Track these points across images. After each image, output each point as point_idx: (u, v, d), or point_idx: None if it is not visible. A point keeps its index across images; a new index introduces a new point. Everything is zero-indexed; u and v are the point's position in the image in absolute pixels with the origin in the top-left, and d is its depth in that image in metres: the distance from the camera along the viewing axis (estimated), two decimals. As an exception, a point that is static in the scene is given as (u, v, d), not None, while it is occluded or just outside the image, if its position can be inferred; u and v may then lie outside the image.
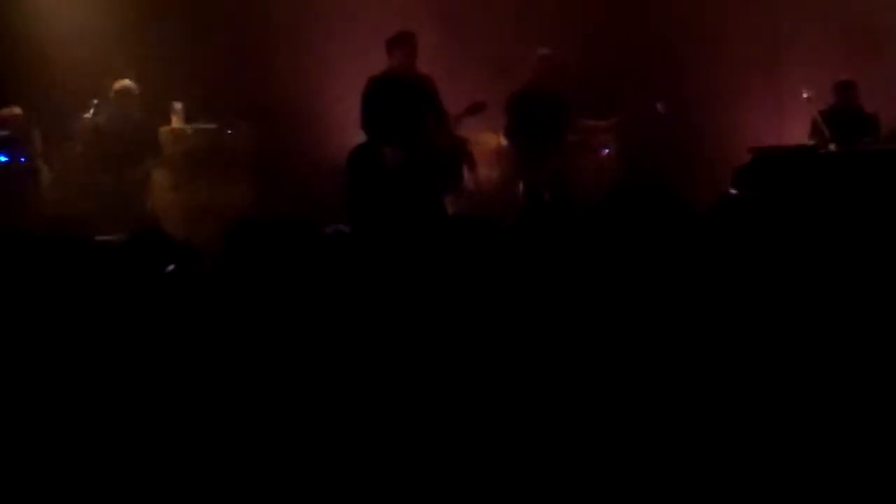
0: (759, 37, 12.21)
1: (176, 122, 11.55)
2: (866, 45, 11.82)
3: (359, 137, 10.07)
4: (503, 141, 11.13)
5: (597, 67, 11.62)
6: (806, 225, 3.19)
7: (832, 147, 10.30)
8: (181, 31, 11.99)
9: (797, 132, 11.05)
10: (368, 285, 4.22)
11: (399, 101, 9.97)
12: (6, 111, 10.99)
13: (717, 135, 11.80)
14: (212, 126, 11.52)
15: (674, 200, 3.72)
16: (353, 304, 4.17)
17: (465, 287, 4.25)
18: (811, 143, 10.55)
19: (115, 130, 10.91)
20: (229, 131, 11.51)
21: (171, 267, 4.71)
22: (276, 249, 5.08)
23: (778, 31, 12.18)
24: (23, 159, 10.92)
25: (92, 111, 11.05)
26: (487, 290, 4.20)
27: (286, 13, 12.27)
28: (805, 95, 10.83)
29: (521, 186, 10.47)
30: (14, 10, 11.95)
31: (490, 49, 11.86)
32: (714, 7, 12.16)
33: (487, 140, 11.37)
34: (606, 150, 11.27)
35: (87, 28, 11.89)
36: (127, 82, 11.09)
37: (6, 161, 10.84)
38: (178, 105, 11.56)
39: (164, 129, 11.42)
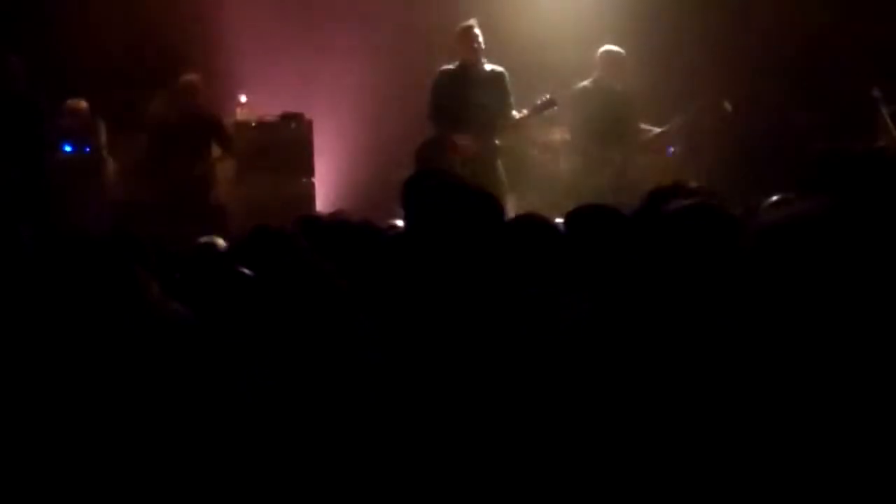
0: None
1: (240, 114, 11.59)
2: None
3: (428, 130, 10.05)
4: (567, 136, 11.07)
5: (662, 64, 11.51)
6: (877, 230, 3.09)
7: (902, 148, 10.16)
8: (250, 24, 12.04)
9: (866, 132, 10.89)
10: (425, 285, 4.19)
11: (467, 93, 9.96)
12: (72, 103, 11.06)
13: (781, 135, 11.64)
14: (276, 119, 11.54)
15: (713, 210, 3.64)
16: (410, 304, 4.15)
17: (517, 283, 4.21)
18: (881, 144, 10.40)
19: (180, 123, 10.95)
20: (293, 125, 11.53)
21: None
22: (337, 247, 5.08)
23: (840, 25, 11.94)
24: (87, 150, 10.99)
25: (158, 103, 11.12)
26: (537, 288, 4.16)
27: (349, 4, 12.27)
28: (875, 94, 10.67)
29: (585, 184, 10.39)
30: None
31: (549, 52, 11.79)
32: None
33: (552, 135, 11.31)
34: (672, 150, 11.16)
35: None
36: (192, 76, 11.14)
37: (71, 152, 10.91)
38: (242, 98, 11.62)
39: (228, 122, 11.46)
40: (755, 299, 2.76)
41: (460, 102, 9.96)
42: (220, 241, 6.16)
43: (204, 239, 6.21)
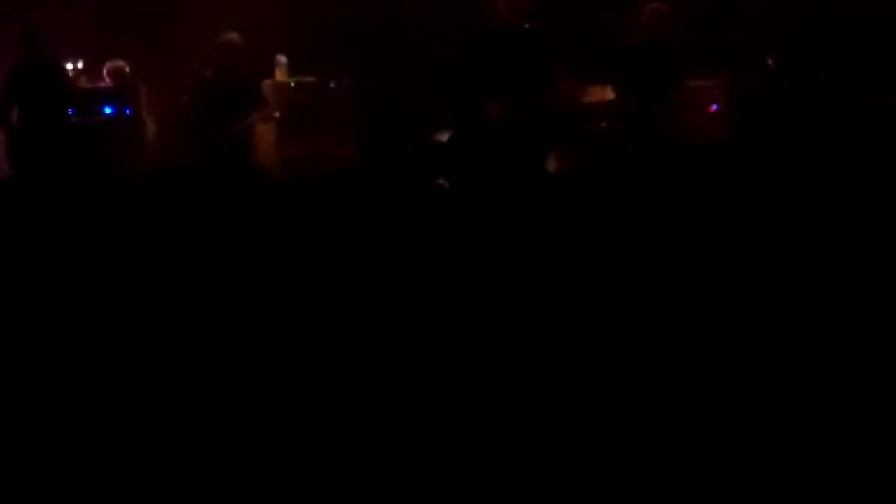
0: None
1: (279, 75, 11.55)
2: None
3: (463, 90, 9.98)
4: (612, 95, 10.99)
5: (705, 20, 11.40)
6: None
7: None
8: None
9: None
10: (463, 242, 4.16)
11: (509, 54, 9.87)
12: (111, 64, 11.06)
13: (829, 91, 11.51)
14: (315, 79, 11.50)
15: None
16: (448, 261, 4.12)
17: (561, 243, 4.17)
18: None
19: (219, 84, 10.91)
20: (332, 84, 11.49)
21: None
22: (376, 201, 5.04)
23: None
24: (127, 111, 11.00)
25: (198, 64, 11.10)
26: (581, 246, 4.12)
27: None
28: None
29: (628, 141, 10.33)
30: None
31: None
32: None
33: (596, 93, 11.23)
34: (715, 107, 11.06)
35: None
36: (232, 35, 11.07)
37: (111, 113, 10.92)
38: (282, 58, 11.57)
39: (267, 83, 11.42)
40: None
41: (499, 64, 9.87)
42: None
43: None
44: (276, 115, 11.15)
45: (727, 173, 4.08)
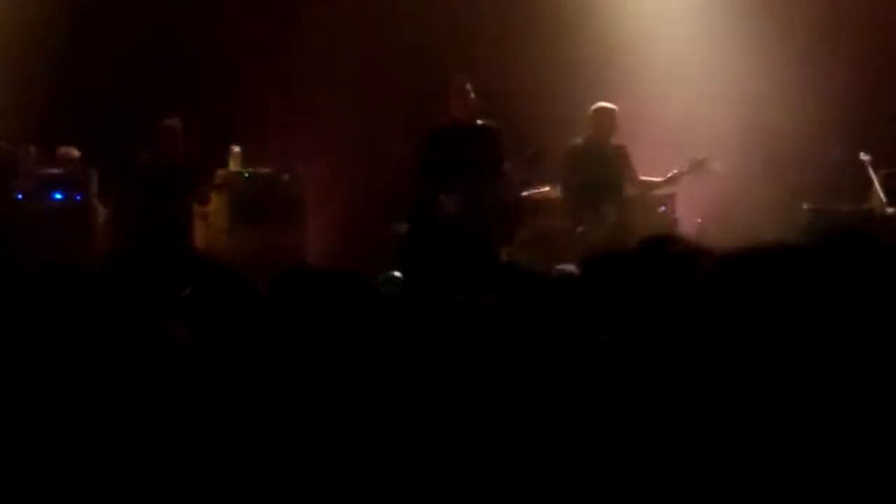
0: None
1: (233, 165, 11.59)
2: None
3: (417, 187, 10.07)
4: (559, 193, 11.07)
5: (652, 122, 11.53)
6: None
7: (889, 211, 10.26)
8: (237, 78, 12.12)
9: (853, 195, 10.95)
10: (413, 342, 4.17)
11: (461, 150, 9.96)
12: (64, 151, 11.09)
13: (770, 196, 11.64)
14: (268, 171, 11.55)
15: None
16: (395, 360, 4.13)
17: (515, 338, 4.20)
18: (866, 206, 10.51)
19: (158, 167, 10.89)
20: (286, 176, 11.54)
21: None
22: (323, 300, 5.05)
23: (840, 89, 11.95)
24: (78, 198, 10.99)
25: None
26: (536, 341, 4.15)
27: (343, 60, 12.31)
28: (864, 158, 10.75)
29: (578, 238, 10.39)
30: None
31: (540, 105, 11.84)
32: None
33: (545, 191, 11.31)
34: (663, 208, 11.17)
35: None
36: (172, 120, 11.06)
37: (61, 199, 10.92)
38: (236, 149, 11.61)
39: (220, 172, 11.45)
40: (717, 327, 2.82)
41: (451, 160, 9.95)
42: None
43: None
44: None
45: (681, 273, 4.12)
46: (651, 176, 10.92)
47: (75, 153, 11.25)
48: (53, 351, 3.54)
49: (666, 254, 3.73)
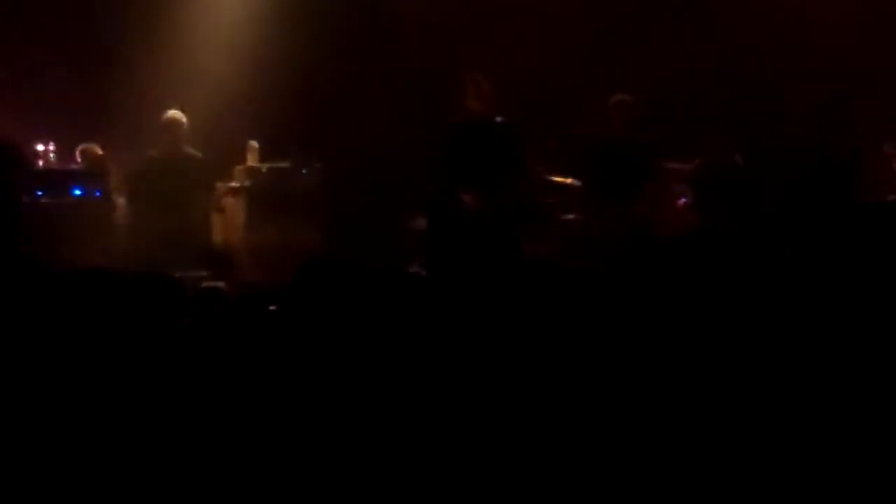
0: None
1: (251, 160, 11.57)
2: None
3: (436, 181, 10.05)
4: (580, 186, 11.04)
5: (675, 110, 11.49)
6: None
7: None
8: (256, 74, 12.11)
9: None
10: (440, 330, 4.16)
11: (481, 146, 9.94)
12: (85, 148, 11.10)
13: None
14: (286, 165, 11.53)
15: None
16: (423, 348, 4.12)
17: (540, 332, 4.19)
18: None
19: (164, 161, 10.88)
20: (304, 171, 11.52)
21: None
22: (346, 290, 5.05)
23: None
24: (98, 193, 10.98)
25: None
26: (560, 334, 4.14)
27: (360, 55, 12.29)
28: (887, 149, 10.68)
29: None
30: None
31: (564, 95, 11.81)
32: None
33: (568, 185, 11.28)
34: (683, 200, 11.12)
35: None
36: (174, 112, 11.03)
37: (81, 195, 10.91)
38: (254, 143, 11.60)
39: (238, 168, 11.45)
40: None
41: (469, 155, 9.94)
42: (222, 285, 6.16)
43: (206, 283, 6.22)
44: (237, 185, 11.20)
45: (702, 264, 4.12)
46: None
47: (98, 150, 11.25)
48: (83, 350, 3.55)
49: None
